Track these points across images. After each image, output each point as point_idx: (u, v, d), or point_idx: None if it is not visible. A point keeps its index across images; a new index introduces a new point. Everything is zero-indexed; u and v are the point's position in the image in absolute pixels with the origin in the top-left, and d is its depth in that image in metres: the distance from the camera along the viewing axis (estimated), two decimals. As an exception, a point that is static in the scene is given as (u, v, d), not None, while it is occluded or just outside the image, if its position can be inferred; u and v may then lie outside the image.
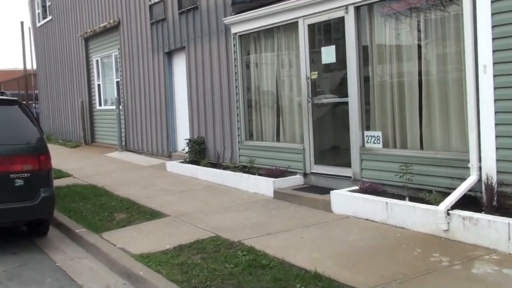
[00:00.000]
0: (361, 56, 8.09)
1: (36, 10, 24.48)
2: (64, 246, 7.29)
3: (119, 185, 10.73)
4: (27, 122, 7.16)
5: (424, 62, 7.39)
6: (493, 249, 5.57)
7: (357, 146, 8.10)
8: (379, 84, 7.98)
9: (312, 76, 9.05)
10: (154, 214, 8.14)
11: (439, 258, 5.46)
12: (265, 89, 10.47)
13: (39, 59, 24.94)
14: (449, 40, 7.05)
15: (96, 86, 18.77)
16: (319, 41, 9.30)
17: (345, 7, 8.14)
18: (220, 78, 11.47)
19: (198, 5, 12.04)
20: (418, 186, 7.08)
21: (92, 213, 8.42)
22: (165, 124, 14.08)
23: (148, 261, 5.91)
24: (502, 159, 6.11)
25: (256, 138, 10.63)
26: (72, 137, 20.76)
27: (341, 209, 7.49)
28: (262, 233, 6.76)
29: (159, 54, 14.12)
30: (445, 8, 7.01)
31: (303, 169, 9.16)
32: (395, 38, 7.80)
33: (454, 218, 6.00)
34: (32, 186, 6.83)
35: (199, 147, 11.99)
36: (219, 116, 11.57)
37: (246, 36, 10.62)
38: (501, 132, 6.10)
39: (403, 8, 7.47)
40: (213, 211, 8.19)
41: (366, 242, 6.20)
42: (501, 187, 6.09)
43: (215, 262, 5.72)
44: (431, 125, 7.29)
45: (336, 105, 8.94)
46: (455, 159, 6.77)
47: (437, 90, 7.19)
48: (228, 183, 10.09)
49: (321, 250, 5.97)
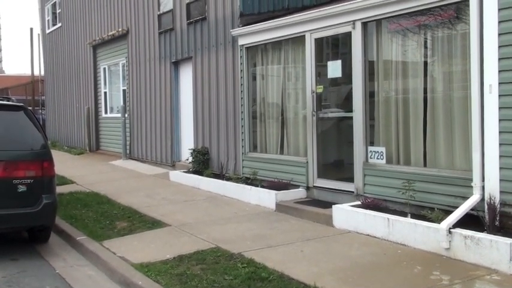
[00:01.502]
0: (367, 71, 8.10)
1: (46, 17, 24.67)
2: (64, 253, 7.30)
3: (122, 193, 10.74)
4: (32, 128, 7.17)
5: (430, 79, 7.39)
6: (494, 270, 5.54)
7: (361, 161, 8.09)
8: (384, 100, 7.98)
9: (318, 90, 9.07)
10: (156, 223, 8.14)
11: (439, 276, 5.43)
12: (271, 101, 10.49)
13: (47, 65, 25.09)
14: (455, 58, 7.05)
15: (103, 94, 18.85)
16: (326, 55, 9.33)
17: (352, 22, 8.17)
18: (226, 89, 11.51)
19: (206, 16, 12.11)
20: (420, 203, 7.05)
21: (93, 221, 8.43)
22: (169, 133, 14.11)
23: (147, 270, 5.90)
24: (506, 180, 6.08)
25: (260, 150, 10.64)
26: (77, 144, 20.81)
27: (343, 224, 7.47)
28: (262, 246, 6.75)
29: (166, 63, 14.19)
30: (453, 26, 7.02)
31: (306, 182, 9.15)
32: (401, 54, 7.81)
33: (456, 236, 5.97)
34: (35, 193, 6.84)
35: (203, 157, 12.01)
36: (224, 126, 11.59)
37: (253, 48, 10.66)
38: (505, 153, 6.08)
39: (412, 24, 7.49)
40: (215, 222, 8.17)
41: (366, 257, 6.17)
42: (504, 207, 6.06)
43: (215, 273, 5.71)
44: (435, 142, 7.28)
45: (340, 119, 8.94)
46: (459, 178, 6.74)
47: (442, 108, 7.19)
48: (230, 195, 10.08)
49: (321, 264, 5.94)
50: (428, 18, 7.28)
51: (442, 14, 7.11)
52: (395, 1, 7.45)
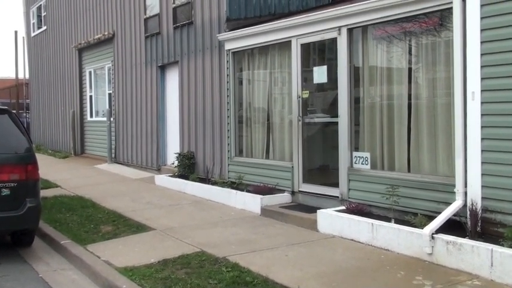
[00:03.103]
0: (352, 77, 8.17)
1: (32, 20, 24.52)
2: (48, 257, 7.25)
3: (107, 197, 10.69)
4: (16, 131, 7.12)
5: (415, 85, 7.47)
6: (476, 275, 5.60)
7: (345, 166, 8.15)
8: (369, 105, 8.05)
9: (303, 95, 9.12)
10: (141, 227, 8.12)
11: (421, 281, 5.48)
12: (257, 106, 10.52)
13: (32, 69, 24.92)
14: (440, 65, 7.13)
15: (88, 97, 18.77)
16: (312, 61, 9.38)
17: (338, 28, 8.23)
18: (212, 93, 11.53)
19: (193, 20, 12.12)
20: (404, 208, 7.11)
21: (77, 225, 8.39)
22: (155, 137, 14.08)
23: (132, 274, 5.88)
24: (487, 186, 6.15)
25: (245, 155, 10.66)
26: (62, 147, 20.68)
27: (327, 229, 7.51)
28: (247, 250, 6.76)
29: (152, 67, 14.17)
30: (438, 33, 7.11)
31: (291, 187, 9.18)
32: (386, 60, 7.88)
33: (438, 242, 6.02)
34: (18, 196, 6.80)
35: (189, 161, 12.00)
36: (210, 131, 11.60)
37: (240, 53, 10.69)
38: (487, 159, 6.15)
39: (397, 31, 7.57)
40: (200, 226, 8.17)
41: (350, 262, 6.21)
42: (485, 213, 6.13)
43: (199, 277, 5.71)
44: (419, 148, 7.35)
45: (326, 124, 9.00)
46: (442, 184, 6.82)
47: (426, 114, 7.26)
48: (216, 199, 10.08)
49: (305, 269, 5.97)
50: (414, 25, 7.36)
51: (427, 21, 7.19)
52: (381, 8, 7.53)
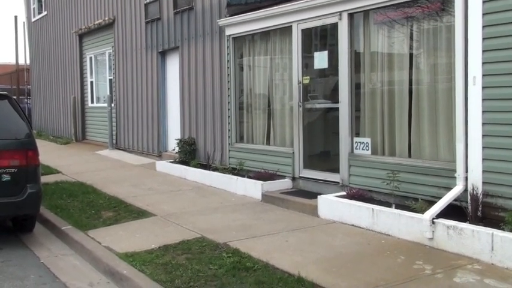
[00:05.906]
0: (353, 62, 8.13)
1: (32, 5, 24.42)
2: (49, 243, 7.27)
3: (108, 183, 10.71)
4: (16, 117, 7.11)
5: (416, 71, 7.43)
6: (476, 259, 5.61)
7: (346, 152, 8.14)
8: (370, 91, 8.02)
9: (304, 81, 9.08)
10: (142, 213, 8.13)
11: (422, 266, 5.49)
12: (257, 92, 10.49)
13: (32, 54, 24.86)
14: (441, 50, 7.09)
15: (89, 83, 18.74)
16: (313, 46, 9.33)
17: (339, 13, 8.18)
18: (212, 79, 11.49)
19: (193, 5, 12.05)
20: (404, 194, 7.12)
21: (78, 211, 8.40)
22: (156, 123, 14.07)
23: (132, 260, 5.90)
24: (488, 171, 6.15)
25: (246, 141, 10.65)
26: (63, 133, 20.69)
27: (328, 214, 7.52)
28: (248, 236, 6.77)
29: (152, 53, 14.12)
30: (439, 18, 7.06)
31: (292, 173, 9.18)
32: (387, 45, 7.84)
33: (439, 226, 6.03)
34: (19, 182, 6.80)
35: (190, 147, 12.00)
36: (211, 117, 11.58)
37: (240, 39, 10.64)
38: (488, 144, 6.15)
39: (399, 16, 7.52)
40: (200, 212, 8.19)
41: (350, 247, 6.22)
42: (486, 198, 6.13)
43: (199, 263, 5.73)
44: (420, 133, 7.33)
45: (326, 110, 8.97)
46: (443, 169, 6.81)
47: (427, 99, 7.23)
48: (216, 185, 10.09)
49: (306, 254, 5.98)
50: (415, 10, 7.30)
51: (429, 5, 7.14)
52: (382, -8, 7.48)
